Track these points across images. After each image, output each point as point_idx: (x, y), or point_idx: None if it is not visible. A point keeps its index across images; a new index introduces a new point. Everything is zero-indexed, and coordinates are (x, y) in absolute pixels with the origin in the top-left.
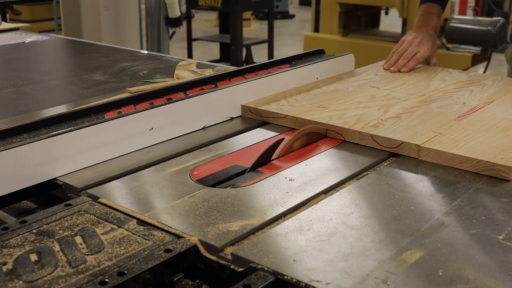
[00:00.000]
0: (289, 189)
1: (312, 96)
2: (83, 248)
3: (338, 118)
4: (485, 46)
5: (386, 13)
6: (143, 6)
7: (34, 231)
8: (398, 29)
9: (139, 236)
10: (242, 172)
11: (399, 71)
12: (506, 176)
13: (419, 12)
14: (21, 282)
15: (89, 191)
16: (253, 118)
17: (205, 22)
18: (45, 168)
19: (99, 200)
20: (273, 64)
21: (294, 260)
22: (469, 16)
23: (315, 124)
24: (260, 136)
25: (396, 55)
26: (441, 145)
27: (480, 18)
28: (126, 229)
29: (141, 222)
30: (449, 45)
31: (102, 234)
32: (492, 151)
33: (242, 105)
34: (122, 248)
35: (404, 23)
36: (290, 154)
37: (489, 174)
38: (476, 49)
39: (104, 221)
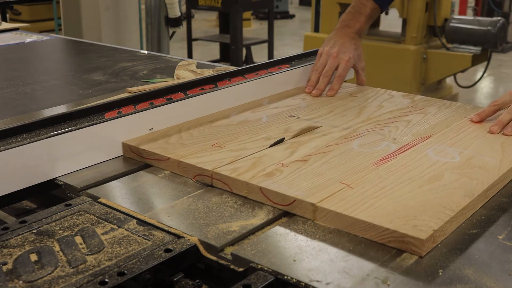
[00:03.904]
0: None
1: (214, 129)
2: (83, 248)
3: (229, 163)
4: (485, 46)
5: (386, 13)
6: (143, 6)
7: (34, 231)
8: (398, 29)
9: (139, 236)
10: None
11: (321, 94)
12: (417, 251)
13: (349, 7)
14: (21, 282)
15: (89, 191)
16: (135, 160)
17: (205, 22)
18: (45, 168)
19: (99, 200)
20: (273, 64)
21: (294, 260)
22: (469, 16)
23: (199, 169)
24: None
25: (315, 73)
26: (342, 204)
27: (480, 18)
28: (126, 229)
29: (141, 222)
30: (449, 45)
31: (102, 234)
32: (406, 213)
33: (122, 143)
34: (122, 248)
35: (404, 23)
36: None
37: (397, 247)
38: (476, 49)
39: (104, 221)
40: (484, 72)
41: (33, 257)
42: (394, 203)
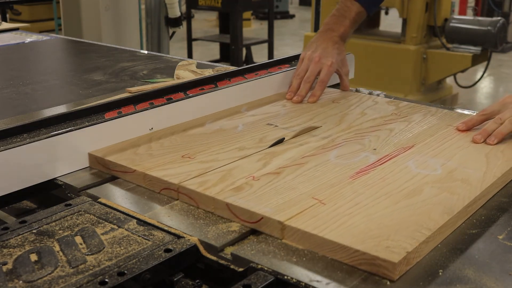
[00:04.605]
0: None
1: (186, 139)
2: (83, 248)
3: (198, 176)
4: (485, 46)
5: (386, 13)
6: (143, 6)
7: (34, 231)
8: (398, 29)
9: (139, 236)
10: None
11: (302, 101)
12: (389, 274)
13: (333, 10)
14: (21, 282)
15: (89, 191)
16: (103, 172)
17: (205, 22)
18: (45, 168)
19: (99, 200)
20: (273, 64)
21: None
22: (469, 16)
23: (165, 183)
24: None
25: (296, 79)
26: (312, 223)
27: (480, 18)
28: (126, 229)
29: (141, 222)
30: (449, 45)
31: (102, 234)
32: (379, 232)
33: (89, 154)
34: (122, 248)
35: (404, 23)
36: None
37: (367, 270)
38: (476, 49)
39: (104, 221)
40: (484, 72)
41: (33, 257)
42: (368, 221)
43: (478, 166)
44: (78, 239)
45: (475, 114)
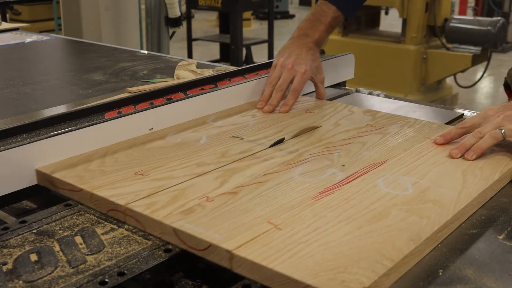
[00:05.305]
0: None
1: (144, 153)
2: (83, 248)
3: (147, 196)
4: (485, 46)
5: (386, 13)
6: (143, 6)
7: (34, 231)
8: (398, 29)
9: (139, 236)
10: None
11: (273, 111)
12: None
13: (309, 14)
14: (21, 282)
15: None
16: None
17: (205, 22)
18: (45, 168)
19: None
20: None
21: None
22: (469, 16)
23: (112, 204)
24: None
25: (268, 87)
26: (263, 252)
27: (480, 18)
28: (126, 229)
29: None
30: (449, 45)
31: (102, 234)
32: (336, 263)
33: (36, 170)
34: (122, 248)
35: (404, 23)
36: None
37: None
38: (476, 49)
39: (104, 221)
40: (484, 72)
41: (33, 257)
42: (325, 250)
43: (453, 185)
44: (78, 239)
45: (453, 127)
